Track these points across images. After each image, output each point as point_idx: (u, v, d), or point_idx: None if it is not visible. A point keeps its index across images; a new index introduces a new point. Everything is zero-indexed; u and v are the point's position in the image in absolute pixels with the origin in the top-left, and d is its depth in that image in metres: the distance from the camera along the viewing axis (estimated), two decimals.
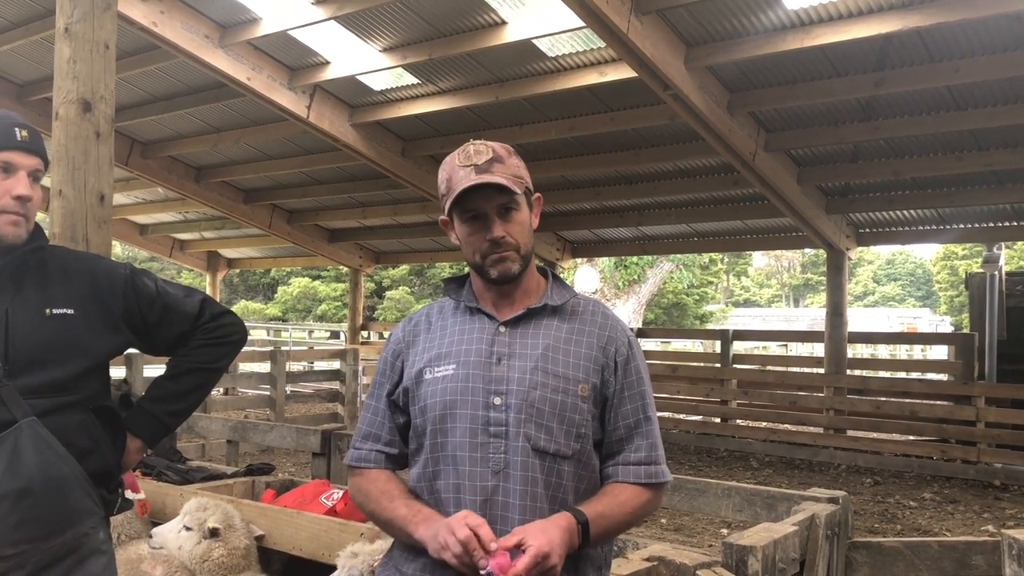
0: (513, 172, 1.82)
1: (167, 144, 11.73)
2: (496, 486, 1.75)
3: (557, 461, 1.78)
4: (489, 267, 1.84)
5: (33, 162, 1.88)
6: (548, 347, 1.83)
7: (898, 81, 7.36)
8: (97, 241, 3.95)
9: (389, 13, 7.70)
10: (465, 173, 1.80)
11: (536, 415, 1.77)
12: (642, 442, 1.84)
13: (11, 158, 1.84)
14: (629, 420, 1.84)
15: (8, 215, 1.83)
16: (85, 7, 3.91)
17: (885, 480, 9.32)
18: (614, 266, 19.22)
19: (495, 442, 1.77)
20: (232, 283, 37.20)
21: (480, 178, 1.78)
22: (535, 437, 1.77)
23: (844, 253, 10.70)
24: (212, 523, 2.85)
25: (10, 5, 8.65)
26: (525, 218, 1.86)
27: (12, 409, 1.77)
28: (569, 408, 1.79)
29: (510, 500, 1.75)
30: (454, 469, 1.78)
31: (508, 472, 1.76)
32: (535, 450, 1.76)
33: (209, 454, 9.13)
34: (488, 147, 1.83)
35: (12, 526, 1.75)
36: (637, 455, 1.83)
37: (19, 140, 1.84)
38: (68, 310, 1.89)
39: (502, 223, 1.82)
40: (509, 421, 1.77)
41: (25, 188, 1.84)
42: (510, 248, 1.82)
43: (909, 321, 38.18)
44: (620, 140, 9.66)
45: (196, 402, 2.12)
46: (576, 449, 1.80)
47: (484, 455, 1.77)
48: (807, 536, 3.00)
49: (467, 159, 1.82)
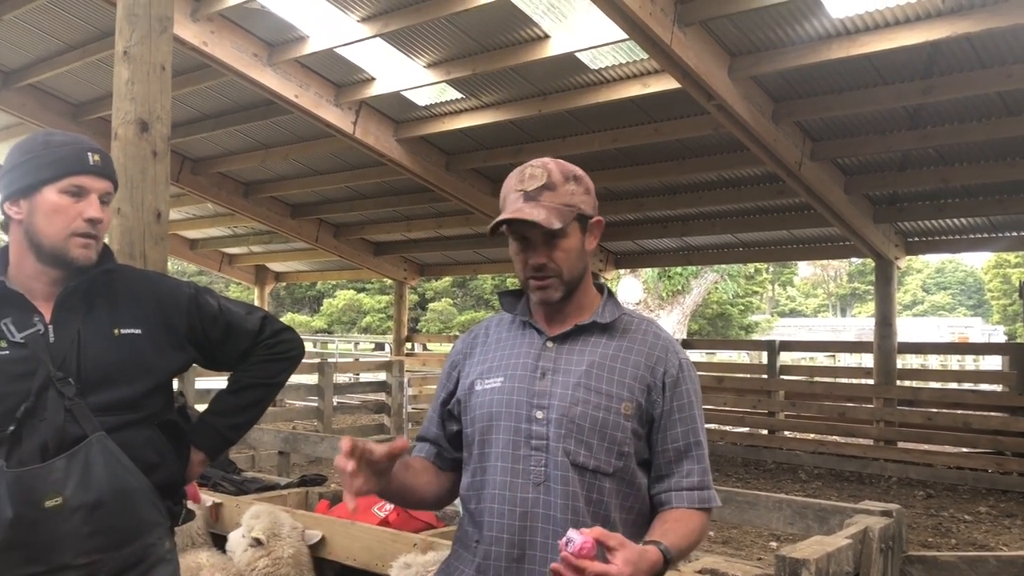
0: (563, 201, 1.81)
1: (217, 161, 11.97)
2: (537, 498, 1.78)
3: (598, 478, 1.79)
4: (531, 291, 1.88)
5: (103, 185, 1.93)
6: (593, 364, 1.84)
7: (947, 88, 7.26)
8: (154, 257, 4.05)
9: (433, 29, 7.79)
10: (515, 198, 1.82)
11: (576, 431, 1.79)
12: (694, 466, 1.84)
13: (83, 182, 1.89)
14: (679, 443, 1.84)
15: (79, 238, 1.88)
16: (143, 30, 4.03)
17: (938, 493, 9.14)
18: (657, 277, 19.12)
19: (536, 455, 1.79)
20: (279, 296, 37.70)
21: (517, 212, 1.79)
22: (574, 452, 1.78)
23: (893, 262, 10.54)
24: (255, 533, 2.90)
25: (66, 28, 8.91)
26: (573, 245, 1.84)
27: (84, 425, 1.83)
28: (611, 426, 1.79)
29: (551, 513, 1.76)
30: (495, 479, 1.82)
31: (549, 485, 1.78)
32: (574, 465, 1.78)
33: (259, 465, 9.25)
34: (545, 171, 1.83)
35: (85, 536, 1.81)
36: (690, 480, 1.83)
37: (91, 164, 1.90)
38: (136, 330, 1.95)
39: (545, 250, 1.82)
40: (550, 435, 1.79)
41: (96, 211, 1.90)
42: (551, 275, 1.84)
43: (960, 331, 37.40)
44: (663, 151, 9.64)
45: (256, 416, 2.17)
46: (618, 467, 1.80)
47: (525, 467, 1.80)
48: (861, 550, 2.97)
49: (520, 182, 1.83)
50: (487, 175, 11.11)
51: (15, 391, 1.81)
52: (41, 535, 1.78)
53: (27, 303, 1.89)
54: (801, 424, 11.22)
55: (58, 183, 1.88)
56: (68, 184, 1.88)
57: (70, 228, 1.88)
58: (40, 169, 1.88)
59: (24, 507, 1.76)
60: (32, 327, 1.86)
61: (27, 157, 1.90)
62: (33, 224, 1.88)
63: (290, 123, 10.28)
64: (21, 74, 9.96)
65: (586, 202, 1.86)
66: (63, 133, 1.97)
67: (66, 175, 1.88)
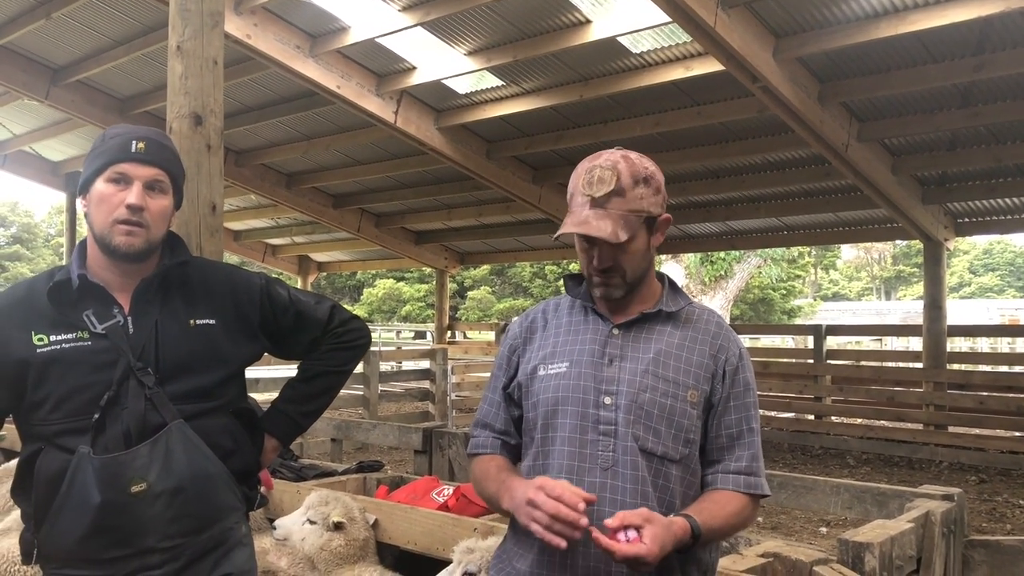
0: (631, 207, 1.81)
1: (260, 152, 12.10)
2: (605, 483, 1.78)
3: (665, 464, 1.80)
4: (594, 287, 1.90)
5: (148, 172, 1.93)
6: (660, 352, 1.85)
7: (999, 65, 7.09)
8: (210, 249, 4.10)
9: (474, 17, 7.79)
10: (581, 202, 1.82)
11: (645, 417, 1.80)
12: (744, 452, 1.85)
13: (125, 169, 1.91)
14: (732, 430, 1.85)
15: (121, 225, 1.90)
16: (195, 25, 4.08)
17: (991, 478, 9.00)
18: (700, 262, 18.99)
19: (604, 440, 1.80)
20: (320, 286, 38.03)
21: (583, 225, 1.79)
22: (643, 438, 1.79)
23: (942, 244, 10.36)
24: (336, 517, 2.96)
25: (113, 24, 9.06)
26: (639, 247, 1.85)
27: (163, 413, 1.88)
28: (678, 413, 1.81)
29: (618, 498, 1.77)
30: (561, 464, 1.82)
31: (617, 470, 1.79)
32: (643, 451, 1.79)
33: (307, 452, 9.38)
34: (615, 174, 1.81)
35: (168, 521, 1.86)
36: (738, 464, 1.84)
37: (133, 152, 1.91)
38: (210, 320, 1.99)
39: (611, 254, 1.84)
40: (618, 421, 1.80)
41: (137, 198, 1.90)
42: (615, 276, 1.86)
43: (1010, 313, 36.68)
44: (707, 134, 9.55)
45: (326, 403, 2.21)
46: (684, 454, 1.82)
47: (593, 452, 1.81)
48: (923, 533, 2.95)
49: (588, 186, 1.82)
50: (528, 162, 11.10)
51: (98, 381, 1.86)
52: (127, 520, 1.83)
53: (107, 295, 1.93)
54: (849, 409, 11.09)
55: (104, 172, 1.92)
56: (111, 172, 1.91)
57: (112, 216, 1.90)
58: (94, 161, 1.93)
59: (111, 492, 1.81)
60: (112, 319, 1.90)
61: (90, 152, 1.96)
62: (90, 216, 1.94)
63: (332, 114, 10.35)
64: (70, 71, 10.14)
65: (655, 203, 1.86)
66: (125, 126, 2.00)
67: (110, 164, 1.91)
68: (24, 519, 1.96)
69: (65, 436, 1.85)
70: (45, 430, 1.87)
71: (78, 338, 1.88)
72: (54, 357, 1.86)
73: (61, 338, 1.87)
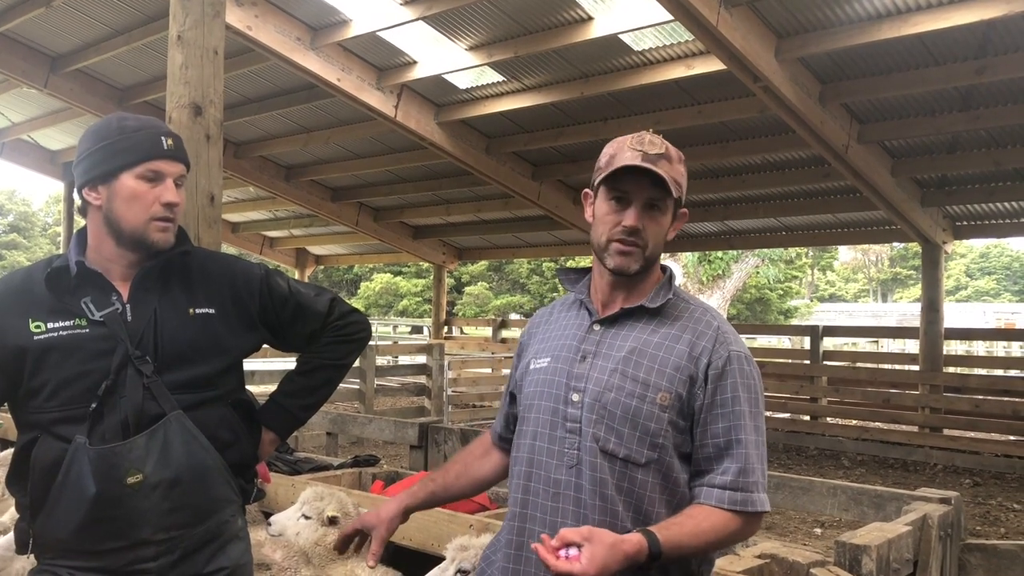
0: (676, 176, 1.79)
1: (259, 144, 12.07)
2: (570, 481, 1.76)
3: (629, 467, 1.73)
4: (611, 254, 1.80)
5: (178, 169, 1.95)
6: (633, 351, 1.78)
7: (1001, 68, 7.09)
8: (208, 240, 4.09)
9: (476, 12, 7.77)
10: (632, 155, 1.76)
11: (608, 417, 1.75)
12: (731, 465, 1.72)
13: (159, 166, 1.91)
14: (719, 440, 1.73)
15: (158, 222, 1.91)
16: (196, 15, 4.06)
17: (985, 481, 9.01)
18: (697, 261, 18.99)
19: (570, 438, 1.78)
20: (317, 279, 38.03)
21: (646, 164, 1.75)
22: (604, 439, 1.74)
23: (940, 247, 10.36)
24: (331, 512, 2.95)
25: (112, 13, 9.02)
26: (664, 224, 1.82)
27: (162, 403, 1.87)
28: (644, 415, 1.73)
29: (582, 496, 1.74)
30: (530, 458, 1.83)
31: (581, 469, 1.76)
32: (603, 452, 1.74)
33: (302, 445, 9.36)
34: (664, 143, 1.79)
35: (165, 513, 1.85)
36: (723, 478, 1.72)
37: (166, 149, 1.92)
38: (210, 310, 1.97)
39: (643, 215, 1.78)
40: (582, 419, 1.77)
41: (173, 195, 1.92)
42: (640, 244, 1.78)
43: (1006, 317, 36.73)
44: (707, 133, 9.54)
45: (325, 396, 2.19)
46: (652, 458, 1.73)
47: (561, 449, 1.79)
48: (920, 537, 2.95)
49: (640, 144, 1.78)
50: (527, 159, 11.08)
51: (96, 369, 1.84)
52: (122, 511, 1.82)
53: (106, 282, 1.92)
54: (844, 410, 11.10)
55: (135, 169, 1.89)
56: (145, 169, 1.90)
57: (149, 213, 1.90)
58: (117, 155, 1.90)
59: (107, 483, 1.80)
60: (111, 306, 1.89)
61: (103, 143, 1.91)
62: (112, 210, 1.90)
63: (332, 107, 10.32)
64: (69, 59, 10.11)
65: (685, 189, 1.83)
66: (135, 117, 1.98)
67: (142, 160, 1.90)
68: (19, 509, 1.94)
69: (62, 424, 1.84)
70: (42, 418, 1.86)
71: (76, 325, 1.86)
72: (51, 344, 1.84)
73: (58, 325, 1.86)
